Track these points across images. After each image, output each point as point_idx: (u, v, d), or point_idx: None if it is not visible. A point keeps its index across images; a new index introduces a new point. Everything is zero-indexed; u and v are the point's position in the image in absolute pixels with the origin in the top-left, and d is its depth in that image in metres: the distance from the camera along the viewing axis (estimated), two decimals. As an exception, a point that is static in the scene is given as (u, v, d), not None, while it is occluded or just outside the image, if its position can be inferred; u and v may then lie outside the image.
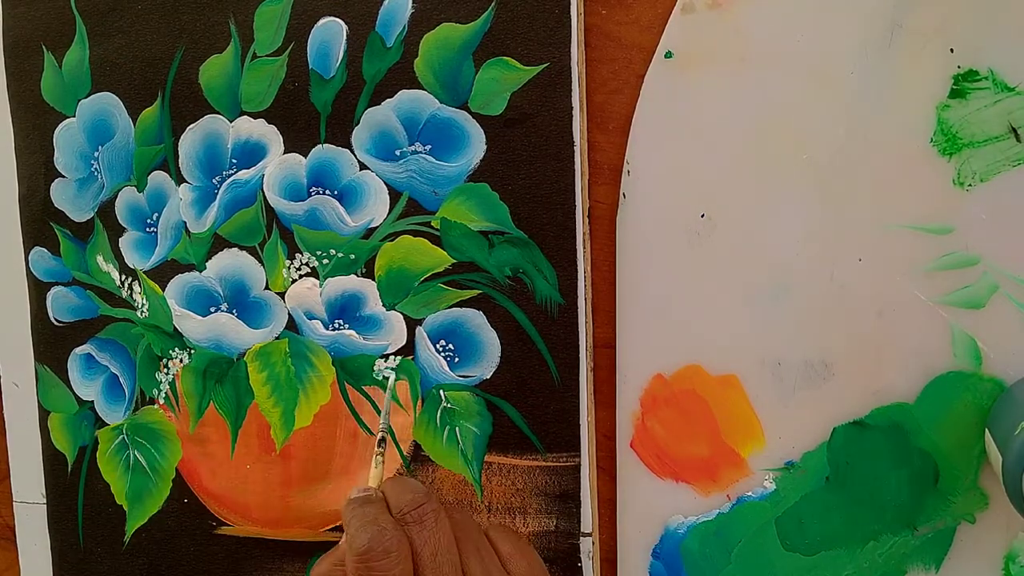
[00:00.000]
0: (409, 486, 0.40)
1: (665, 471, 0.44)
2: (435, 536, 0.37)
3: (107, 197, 0.49)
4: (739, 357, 0.42)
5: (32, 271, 0.51)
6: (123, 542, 0.51)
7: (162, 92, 0.47)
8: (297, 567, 0.49)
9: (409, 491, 0.39)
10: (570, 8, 0.41)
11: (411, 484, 0.40)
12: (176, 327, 0.48)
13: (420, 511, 0.38)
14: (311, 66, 0.45)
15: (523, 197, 0.43)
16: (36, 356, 0.52)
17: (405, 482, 0.40)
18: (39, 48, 0.49)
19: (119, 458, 0.50)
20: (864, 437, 0.41)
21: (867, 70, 0.39)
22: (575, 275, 0.43)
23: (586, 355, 0.43)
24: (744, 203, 0.41)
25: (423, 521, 0.38)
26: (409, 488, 0.39)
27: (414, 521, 0.38)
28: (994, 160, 0.39)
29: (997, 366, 0.40)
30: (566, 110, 0.42)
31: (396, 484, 0.40)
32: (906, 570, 0.42)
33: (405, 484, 0.40)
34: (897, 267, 0.40)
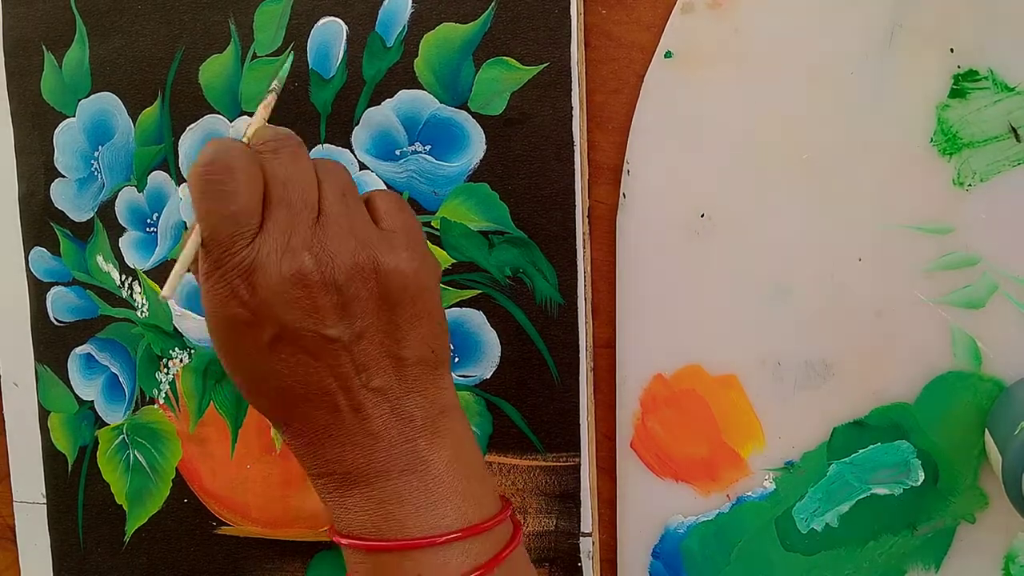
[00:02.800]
0: (275, 128, 0.35)
1: (665, 471, 0.44)
2: (291, 165, 0.33)
3: (107, 197, 0.49)
4: (739, 357, 0.42)
5: (32, 271, 0.51)
6: (123, 542, 0.51)
7: (162, 92, 0.47)
8: (297, 567, 0.49)
9: (272, 130, 0.34)
10: (570, 8, 0.41)
11: (278, 128, 0.35)
12: (176, 327, 0.48)
13: (277, 143, 0.33)
14: (311, 66, 0.45)
15: (523, 197, 0.43)
16: (36, 356, 0.52)
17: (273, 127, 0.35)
18: (39, 48, 0.49)
19: (119, 458, 0.50)
20: (864, 437, 0.41)
21: (867, 70, 0.39)
22: (575, 275, 0.43)
23: (586, 355, 0.43)
24: (744, 203, 0.41)
25: (279, 152, 0.33)
26: (273, 129, 0.35)
27: (268, 151, 0.33)
28: (994, 160, 0.39)
29: (997, 366, 0.40)
30: (566, 110, 0.42)
31: (263, 127, 0.35)
32: (906, 570, 0.42)
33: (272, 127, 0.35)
34: (897, 267, 0.40)
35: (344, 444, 0.33)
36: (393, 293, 0.33)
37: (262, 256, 0.31)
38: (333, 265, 0.32)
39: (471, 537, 0.33)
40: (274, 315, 0.31)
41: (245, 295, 0.31)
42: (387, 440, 0.33)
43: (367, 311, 0.33)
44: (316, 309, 0.32)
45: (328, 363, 0.32)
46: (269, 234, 0.32)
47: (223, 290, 0.32)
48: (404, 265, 0.33)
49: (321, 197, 0.33)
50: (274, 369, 0.32)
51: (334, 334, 0.32)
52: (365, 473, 0.33)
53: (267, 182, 0.32)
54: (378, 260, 0.33)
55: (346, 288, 0.32)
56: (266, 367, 0.33)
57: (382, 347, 0.33)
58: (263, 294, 0.31)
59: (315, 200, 0.33)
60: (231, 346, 0.33)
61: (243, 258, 0.31)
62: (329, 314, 0.32)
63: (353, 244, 0.32)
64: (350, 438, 0.33)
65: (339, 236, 0.32)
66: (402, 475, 0.33)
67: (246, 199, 0.32)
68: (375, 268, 0.33)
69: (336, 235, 0.32)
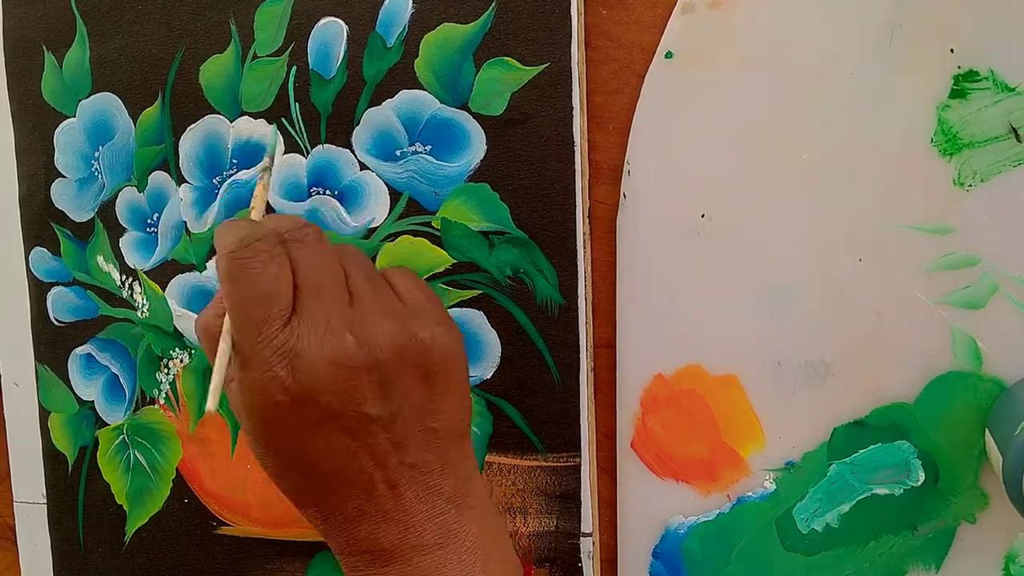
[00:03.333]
0: (292, 217, 0.35)
1: (665, 471, 0.44)
2: (317, 252, 0.33)
3: (107, 197, 0.49)
4: (739, 357, 0.42)
5: (32, 271, 0.51)
6: (123, 542, 0.51)
7: (162, 92, 0.47)
8: (297, 567, 0.49)
9: (291, 219, 0.35)
10: (570, 8, 0.41)
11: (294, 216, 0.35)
12: (176, 327, 0.48)
13: (301, 232, 0.34)
14: (311, 66, 0.45)
15: (523, 197, 0.43)
16: (36, 356, 0.52)
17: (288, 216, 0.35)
18: (39, 48, 0.49)
19: (119, 458, 0.50)
20: (864, 437, 0.41)
21: (867, 70, 0.39)
22: (575, 275, 0.43)
23: (586, 355, 0.43)
24: (744, 203, 0.41)
25: (304, 240, 0.33)
26: (291, 217, 0.35)
27: (294, 240, 0.33)
28: (994, 160, 0.39)
29: (997, 366, 0.40)
30: (566, 110, 0.42)
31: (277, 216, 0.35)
32: (906, 570, 0.42)
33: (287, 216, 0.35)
34: (897, 267, 0.40)
35: (379, 522, 0.33)
36: (430, 368, 0.33)
37: (302, 339, 0.31)
38: (375, 346, 0.32)
39: None
40: (316, 398, 0.31)
41: (287, 380, 0.31)
42: (420, 515, 0.33)
43: (406, 389, 0.33)
44: (358, 391, 0.32)
45: (366, 442, 0.32)
46: (306, 317, 0.31)
47: (263, 376, 0.31)
48: (439, 339, 0.34)
49: (349, 281, 0.33)
50: (311, 452, 0.32)
51: (374, 413, 0.32)
52: (400, 550, 0.33)
53: (297, 269, 0.32)
54: (416, 336, 0.33)
55: (387, 367, 0.32)
56: (303, 450, 0.32)
57: (417, 423, 0.33)
58: (306, 380, 0.31)
59: (344, 284, 0.33)
60: (268, 432, 0.33)
61: (282, 342, 0.31)
62: (370, 393, 0.32)
63: (390, 323, 0.33)
64: (384, 515, 0.33)
65: (375, 316, 0.33)
66: (438, 549, 0.33)
67: (275, 279, 0.31)
68: (413, 345, 0.33)
69: (372, 315, 0.33)
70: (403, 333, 0.33)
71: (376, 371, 0.32)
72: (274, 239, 0.33)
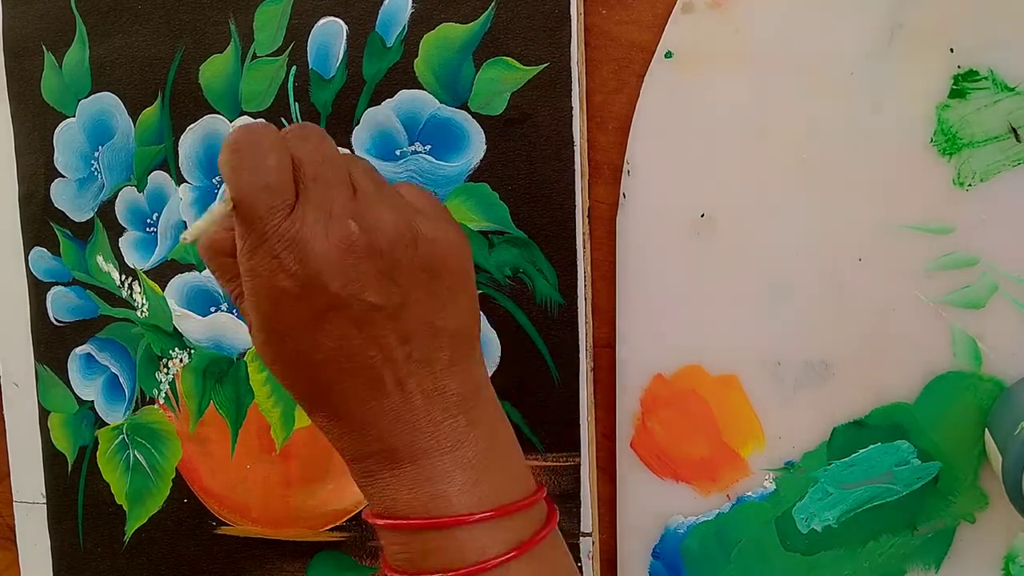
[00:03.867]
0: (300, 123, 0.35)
1: (665, 471, 0.44)
2: (320, 145, 0.33)
3: (107, 197, 0.49)
4: (739, 357, 0.42)
5: (32, 271, 0.51)
6: (123, 542, 0.51)
7: (162, 92, 0.47)
8: (297, 567, 0.49)
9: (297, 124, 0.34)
10: (570, 8, 0.41)
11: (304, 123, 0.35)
12: (176, 327, 0.48)
13: (304, 130, 0.34)
14: (311, 66, 0.45)
15: (523, 197, 0.43)
16: (36, 356, 0.52)
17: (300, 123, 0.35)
18: (39, 48, 0.49)
19: (119, 458, 0.50)
20: (864, 437, 0.41)
21: (867, 70, 0.39)
22: (575, 275, 0.43)
23: (586, 355, 0.43)
24: (744, 203, 0.41)
25: (307, 137, 0.33)
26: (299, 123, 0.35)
27: (297, 137, 0.33)
28: (994, 160, 0.39)
29: (997, 366, 0.40)
30: (566, 110, 0.42)
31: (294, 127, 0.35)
32: (906, 570, 0.42)
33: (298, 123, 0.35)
34: (897, 267, 0.40)
35: (388, 420, 0.33)
36: (434, 262, 0.33)
37: (307, 226, 0.31)
38: (378, 232, 0.32)
39: (513, 514, 0.33)
40: (322, 284, 0.31)
41: (293, 267, 0.31)
42: (430, 417, 0.33)
43: (409, 279, 0.33)
44: (364, 276, 0.32)
45: (372, 334, 0.32)
46: (309, 206, 0.32)
47: (270, 264, 0.31)
48: (442, 235, 0.34)
49: (352, 177, 0.33)
50: (318, 343, 0.32)
51: (379, 301, 0.32)
52: (409, 451, 0.33)
53: (299, 161, 0.32)
54: (419, 229, 0.33)
55: (390, 254, 0.32)
56: (310, 342, 0.32)
57: (423, 318, 0.33)
58: (312, 265, 0.31)
59: (348, 178, 0.33)
60: (275, 323, 0.33)
61: (286, 229, 0.31)
62: (374, 281, 0.32)
63: (393, 214, 0.33)
64: (394, 414, 0.33)
65: (379, 206, 0.33)
66: (448, 452, 0.33)
67: (277, 172, 0.32)
68: (416, 236, 0.33)
69: (376, 205, 0.33)
70: (407, 224, 0.33)
71: (379, 258, 0.32)
72: (276, 134, 0.33)
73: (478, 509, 0.33)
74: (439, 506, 0.33)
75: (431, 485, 0.33)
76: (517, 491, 0.34)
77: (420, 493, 0.33)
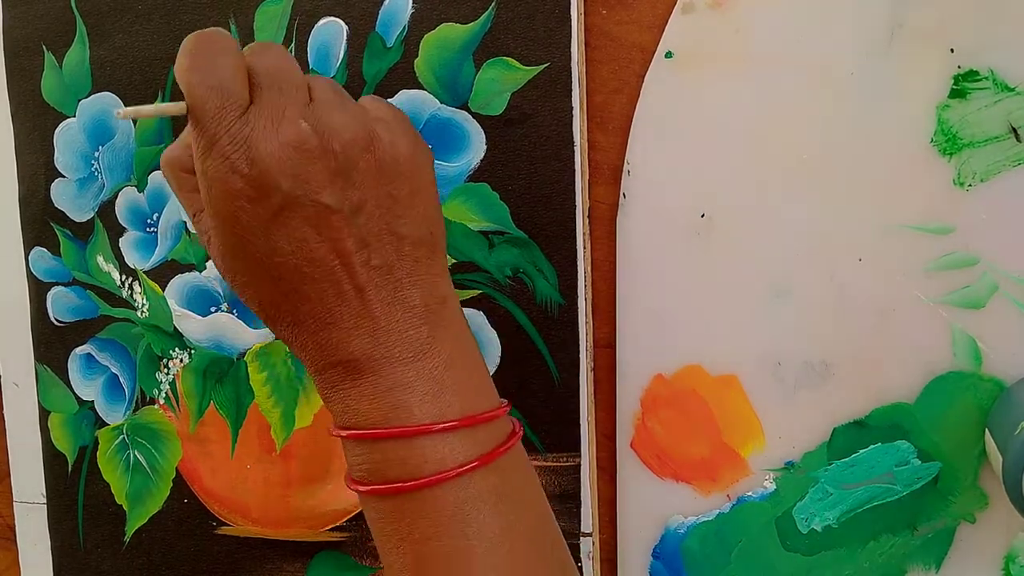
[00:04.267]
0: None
1: (665, 471, 0.44)
2: (278, 57, 0.33)
3: (107, 197, 0.49)
4: (739, 357, 0.42)
5: (32, 271, 0.51)
6: (123, 542, 0.51)
7: (162, 92, 0.47)
8: (297, 567, 0.49)
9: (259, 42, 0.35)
10: (570, 8, 0.41)
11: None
12: (176, 327, 0.48)
13: (265, 45, 0.34)
14: (311, 66, 0.45)
15: (523, 197, 0.43)
16: (36, 356, 0.52)
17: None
18: (39, 48, 0.49)
19: (119, 458, 0.50)
20: (864, 437, 0.41)
21: (867, 70, 0.39)
22: (575, 275, 0.43)
23: (586, 355, 0.43)
24: (744, 203, 0.41)
25: (267, 50, 0.33)
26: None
27: (257, 50, 0.33)
28: (994, 160, 0.39)
29: (997, 366, 0.40)
30: (566, 110, 0.42)
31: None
32: (906, 570, 0.42)
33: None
34: (897, 267, 0.40)
35: (349, 328, 0.33)
36: (390, 165, 0.33)
37: (258, 127, 0.31)
38: (332, 134, 0.32)
39: (476, 426, 0.33)
40: (274, 184, 0.31)
41: (244, 168, 0.31)
42: (392, 326, 0.33)
43: (365, 182, 0.33)
44: (315, 175, 0.32)
45: (329, 236, 0.32)
46: (262, 107, 0.32)
47: (222, 166, 0.31)
48: (399, 139, 0.34)
49: (311, 88, 0.33)
50: (275, 247, 0.32)
51: (333, 203, 0.32)
52: (372, 359, 0.33)
53: (255, 70, 0.32)
54: (374, 132, 0.33)
55: (344, 155, 0.32)
56: (267, 246, 0.32)
57: (381, 222, 0.33)
58: (262, 164, 0.31)
59: (306, 88, 0.33)
60: (232, 227, 0.32)
61: (238, 130, 0.31)
62: (328, 181, 0.32)
63: (348, 118, 0.33)
64: (355, 321, 0.33)
65: (334, 111, 0.33)
66: (410, 362, 0.33)
67: (231, 72, 0.32)
68: (371, 139, 0.33)
69: (331, 111, 0.32)
70: (363, 128, 0.33)
71: (332, 158, 0.32)
72: (231, 39, 0.33)
73: (439, 419, 0.33)
74: (400, 416, 0.33)
75: (391, 395, 0.33)
76: (480, 404, 0.34)
77: (381, 403, 0.33)
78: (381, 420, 0.33)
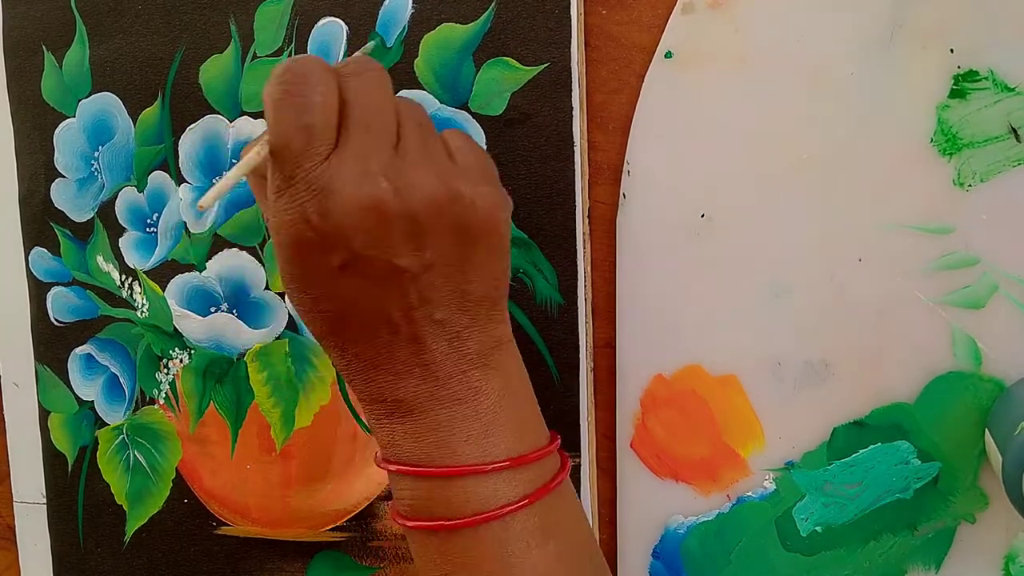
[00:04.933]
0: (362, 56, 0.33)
1: (665, 471, 0.44)
2: (372, 88, 0.32)
3: (107, 197, 0.49)
4: (739, 357, 0.42)
5: (32, 271, 0.51)
6: (123, 542, 0.51)
7: (162, 92, 0.47)
8: (297, 567, 0.49)
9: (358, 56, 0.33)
10: (570, 8, 0.41)
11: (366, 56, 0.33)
12: (176, 327, 0.48)
13: (360, 66, 0.32)
14: (311, 66, 0.45)
15: (523, 197, 0.43)
16: (36, 356, 0.52)
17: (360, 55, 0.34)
18: (39, 48, 0.49)
19: (119, 458, 0.50)
20: (864, 437, 0.41)
21: (867, 70, 0.39)
22: (575, 275, 0.43)
23: (586, 355, 0.43)
24: (744, 203, 0.41)
25: (362, 74, 0.32)
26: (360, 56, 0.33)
27: (351, 73, 0.32)
28: (994, 160, 0.39)
29: (997, 366, 0.40)
30: (566, 110, 0.42)
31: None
32: (906, 570, 0.42)
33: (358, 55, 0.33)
34: (897, 267, 0.40)
35: (398, 373, 0.33)
36: (470, 227, 0.32)
37: (337, 178, 0.30)
38: (412, 195, 0.31)
39: (520, 467, 0.33)
40: (345, 242, 0.30)
41: (316, 219, 0.30)
42: (442, 371, 0.33)
43: (441, 244, 0.32)
44: (389, 239, 0.31)
45: (393, 292, 0.32)
46: (346, 155, 0.30)
47: (293, 211, 0.31)
48: (482, 199, 0.33)
49: (400, 127, 0.32)
50: (337, 293, 0.32)
51: (405, 264, 0.31)
52: (418, 401, 0.33)
53: (347, 103, 0.31)
54: (459, 192, 0.32)
55: (423, 219, 0.31)
56: (329, 291, 0.32)
57: (449, 281, 0.33)
58: (335, 219, 0.30)
59: (395, 128, 0.32)
60: (295, 268, 0.32)
61: (316, 177, 0.30)
62: (402, 245, 0.31)
63: (433, 175, 0.31)
64: (405, 367, 0.33)
65: (419, 166, 0.31)
66: (454, 405, 0.33)
67: (322, 112, 0.30)
68: (453, 200, 0.32)
69: (416, 164, 0.31)
70: (444, 187, 0.31)
71: (410, 221, 0.31)
72: (329, 71, 0.31)
73: (484, 460, 0.33)
74: (443, 456, 0.33)
75: (436, 435, 0.33)
76: (527, 443, 0.34)
77: (425, 443, 0.33)
78: (425, 459, 0.33)
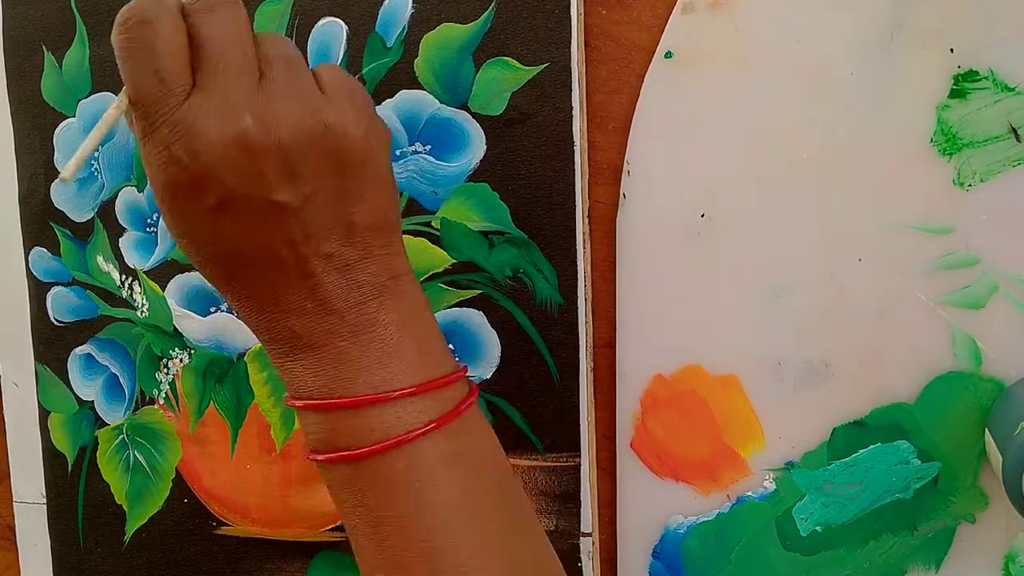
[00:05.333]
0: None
1: (665, 471, 0.44)
2: (227, 22, 0.31)
3: (107, 197, 0.49)
4: (739, 357, 0.42)
5: (32, 271, 0.51)
6: (123, 542, 0.51)
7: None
8: (297, 567, 0.49)
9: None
10: (570, 8, 0.41)
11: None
12: (176, 327, 0.48)
13: (213, 1, 0.31)
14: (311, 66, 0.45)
15: (523, 197, 0.43)
16: (36, 356, 0.52)
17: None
18: (39, 48, 0.49)
19: (119, 458, 0.50)
20: (864, 437, 0.41)
21: (867, 70, 0.39)
22: (575, 275, 0.43)
23: (586, 355, 0.43)
24: (744, 203, 0.41)
25: (214, 10, 0.31)
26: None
27: (201, 10, 0.31)
28: (994, 160, 0.39)
29: (997, 366, 0.40)
30: (566, 110, 0.42)
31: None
32: (906, 570, 0.42)
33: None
34: (897, 267, 0.40)
35: (293, 310, 0.33)
36: (342, 155, 0.32)
37: (199, 118, 0.30)
38: (278, 126, 0.30)
39: (423, 394, 0.33)
40: (217, 180, 0.30)
41: (184, 159, 0.30)
42: (337, 305, 0.33)
43: (316, 175, 0.31)
44: (262, 174, 0.30)
45: (276, 229, 0.31)
46: (205, 94, 0.30)
47: (160, 155, 0.30)
48: (352, 126, 0.32)
49: (262, 60, 0.32)
50: (220, 234, 0.31)
51: (282, 199, 0.31)
52: (315, 336, 0.33)
53: (201, 42, 0.31)
54: (325, 121, 0.31)
55: (293, 151, 0.31)
56: (212, 232, 0.31)
57: (332, 212, 0.32)
58: (204, 158, 0.30)
59: (255, 62, 0.31)
60: (175, 211, 0.32)
61: (179, 119, 0.30)
62: (276, 179, 0.31)
63: (300, 107, 0.31)
64: (299, 303, 0.33)
65: (284, 98, 0.31)
66: (352, 336, 0.33)
67: (169, 55, 0.30)
68: (322, 130, 0.31)
69: (281, 97, 0.31)
70: (312, 117, 0.31)
71: (280, 155, 0.30)
72: (170, 10, 0.30)
73: (386, 389, 0.33)
74: (343, 387, 0.33)
75: (336, 368, 0.33)
76: (431, 372, 0.34)
77: (325, 376, 0.33)
78: (328, 392, 0.33)
